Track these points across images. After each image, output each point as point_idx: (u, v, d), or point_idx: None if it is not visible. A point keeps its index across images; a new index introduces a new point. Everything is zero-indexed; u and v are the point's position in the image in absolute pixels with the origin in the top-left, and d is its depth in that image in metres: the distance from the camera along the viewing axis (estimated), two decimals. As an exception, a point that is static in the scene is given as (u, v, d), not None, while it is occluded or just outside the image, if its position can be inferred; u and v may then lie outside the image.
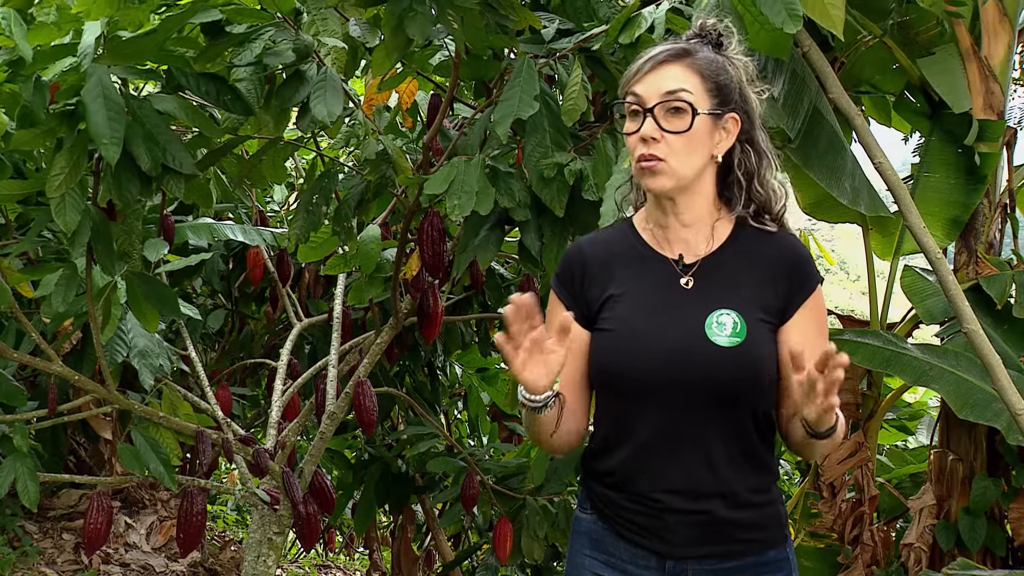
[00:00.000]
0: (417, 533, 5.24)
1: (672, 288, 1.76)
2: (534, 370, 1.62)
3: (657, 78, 1.71)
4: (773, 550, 1.78)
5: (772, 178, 1.79)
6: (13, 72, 2.35)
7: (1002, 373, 2.63)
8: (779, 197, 1.80)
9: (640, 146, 1.71)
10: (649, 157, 1.70)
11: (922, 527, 3.46)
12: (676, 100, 1.69)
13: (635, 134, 1.72)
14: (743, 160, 1.77)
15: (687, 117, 1.69)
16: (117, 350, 3.38)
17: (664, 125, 1.70)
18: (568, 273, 1.83)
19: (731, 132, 1.75)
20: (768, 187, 1.79)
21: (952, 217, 3.47)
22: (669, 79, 1.71)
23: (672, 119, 1.70)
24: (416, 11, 2.40)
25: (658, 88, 1.70)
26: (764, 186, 1.78)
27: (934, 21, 3.41)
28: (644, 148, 1.71)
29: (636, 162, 1.73)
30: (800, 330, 1.75)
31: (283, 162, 3.28)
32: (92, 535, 3.02)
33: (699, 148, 1.72)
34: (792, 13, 2.21)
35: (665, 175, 1.71)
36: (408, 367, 4.56)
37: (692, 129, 1.69)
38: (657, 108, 1.70)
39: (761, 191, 1.78)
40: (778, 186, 1.80)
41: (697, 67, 1.72)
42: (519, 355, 1.60)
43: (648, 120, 1.70)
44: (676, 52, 1.73)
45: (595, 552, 1.82)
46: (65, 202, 2.44)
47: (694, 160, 1.72)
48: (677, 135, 1.69)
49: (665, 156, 1.69)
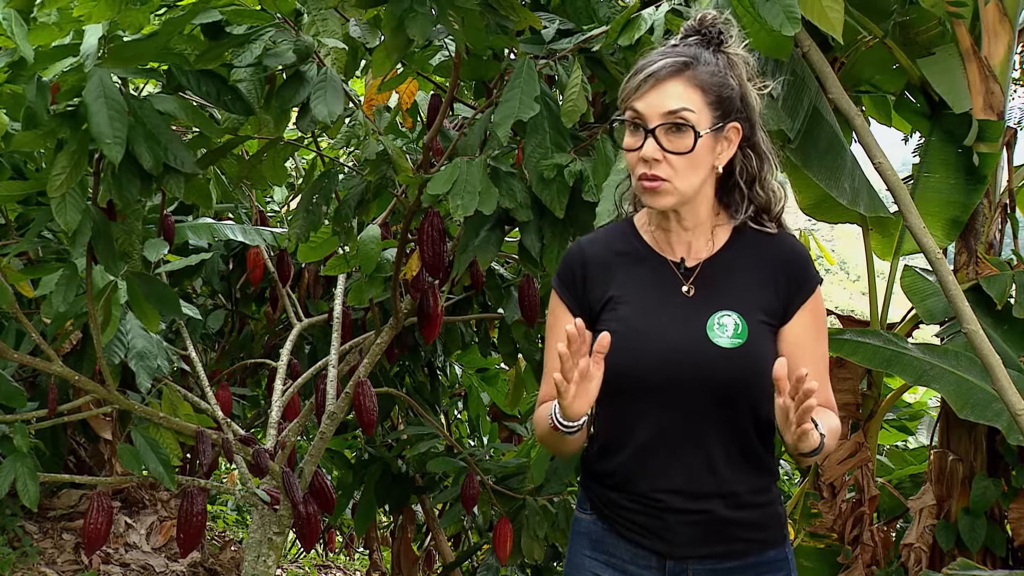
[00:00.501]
0: (417, 533, 5.24)
1: (673, 290, 1.76)
2: (581, 399, 1.63)
3: (659, 96, 1.68)
4: (773, 550, 1.79)
5: (772, 179, 1.79)
6: (14, 73, 2.36)
7: (1002, 373, 2.63)
8: (779, 198, 1.80)
9: (641, 165, 1.70)
10: (651, 178, 1.69)
11: (922, 527, 3.46)
12: (678, 120, 1.67)
13: (636, 152, 1.70)
14: (744, 166, 1.77)
15: (689, 137, 1.67)
16: (115, 351, 3.37)
17: (666, 144, 1.68)
18: (569, 273, 1.83)
19: (732, 142, 1.74)
20: (768, 189, 1.79)
21: (952, 217, 3.47)
22: (671, 98, 1.68)
23: (674, 138, 1.68)
24: (416, 11, 2.40)
25: (660, 107, 1.68)
26: (765, 188, 1.78)
27: (934, 21, 3.41)
28: (645, 168, 1.69)
29: (637, 180, 1.72)
30: (800, 331, 1.75)
31: (283, 162, 3.28)
32: (92, 535, 3.02)
33: (701, 165, 1.71)
34: (790, 15, 2.21)
35: (669, 195, 1.70)
36: (408, 367, 4.56)
37: (694, 150, 1.68)
38: (658, 128, 1.68)
39: (762, 193, 1.78)
40: (778, 187, 1.80)
41: (698, 82, 1.69)
42: (571, 388, 1.61)
43: (649, 141, 1.68)
44: (677, 67, 1.69)
45: (595, 552, 1.83)
46: (66, 202, 2.45)
47: (696, 178, 1.71)
48: (679, 155, 1.68)
49: (668, 177, 1.68)
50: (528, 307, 3.50)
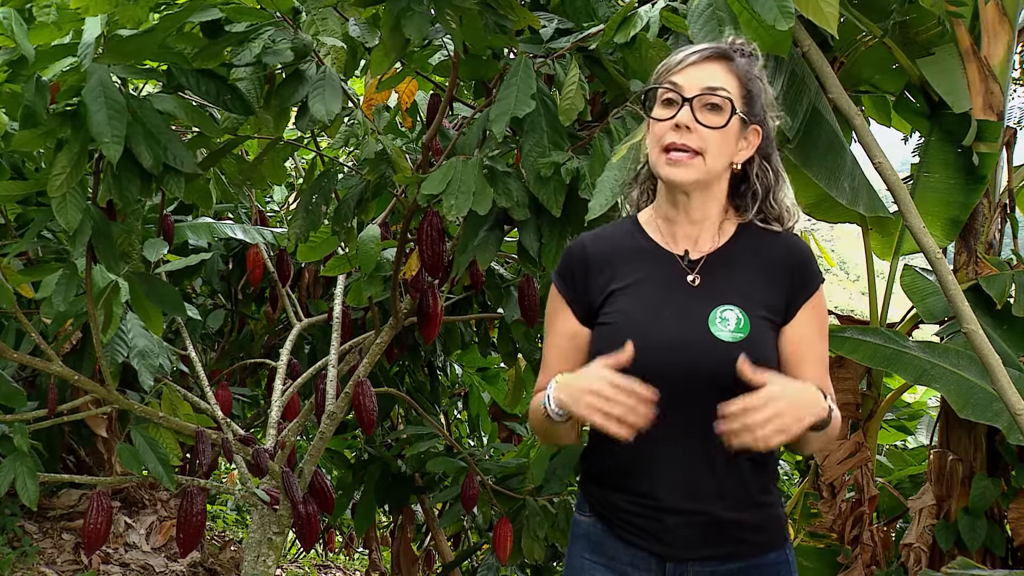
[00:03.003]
0: (417, 533, 5.24)
1: (676, 283, 1.76)
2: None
3: (699, 72, 1.72)
4: (773, 552, 1.78)
5: (784, 198, 1.81)
6: (14, 72, 2.36)
7: (1002, 373, 2.63)
8: (791, 216, 1.82)
9: (671, 134, 1.71)
10: (681, 147, 1.70)
11: (922, 527, 3.46)
12: (716, 97, 1.70)
13: (669, 120, 1.72)
14: (761, 174, 1.79)
15: (724, 114, 1.71)
16: (117, 350, 3.38)
17: (700, 118, 1.70)
18: (569, 269, 1.83)
19: (752, 144, 1.77)
20: (782, 205, 1.81)
21: (951, 217, 3.47)
22: (711, 76, 1.72)
23: (708, 114, 1.71)
24: (413, 11, 2.40)
25: (699, 81, 1.71)
26: (778, 204, 1.81)
27: (934, 21, 3.41)
28: (676, 136, 1.71)
29: (662, 151, 1.73)
30: (802, 329, 1.76)
31: (283, 162, 3.28)
32: (92, 535, 3.02)
33: (727, 148, 1.73)
34: (784, 11, 2.21)
35: (693, 168, 1.71)
36: (408, 367, 4.57)
37: (727, 127, 1.71)
38: (696, 100, 1.71)
39: (775, 206, 1.81)
40: (791, 205, 1.82)
41: (736, 71, 1.74)
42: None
43: (685, 108, 1.70)
44: (720, 52, 1.75)
45: (595, 555, 1.82)
46: (66, 201, 2.45)
47: (722, 159, 1.73)
48: (713, 130, 1.70)
49: (699, 148, 1.70)
50: (528, 307, 3.50)
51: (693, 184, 1.73)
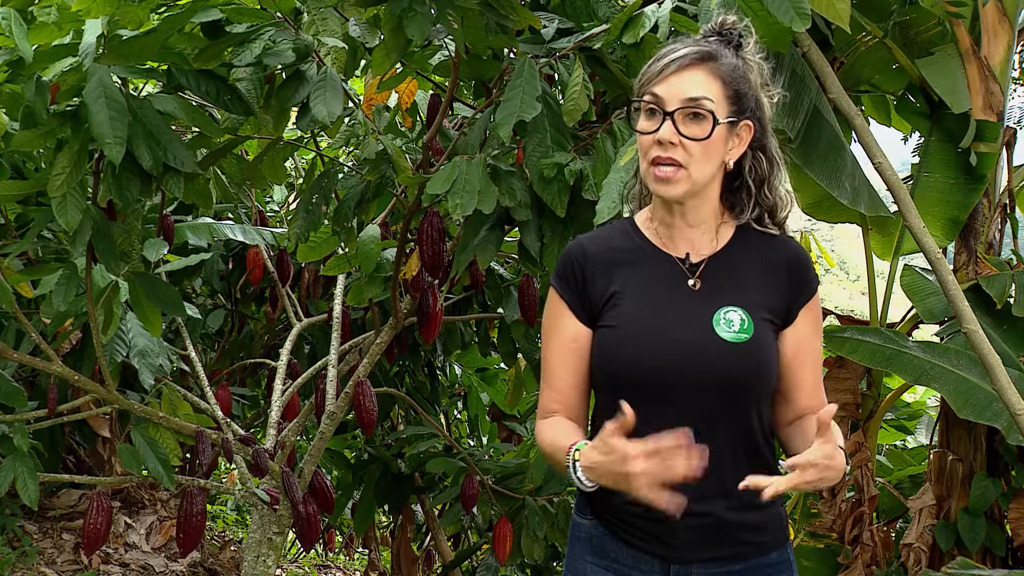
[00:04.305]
0: (417, 533, 5.24)
1: (678, 286, 1.76)
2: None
3: (680, 81, 1.69)
4: (775, 551, 1.79)
5: (780, 185, 1.80)
6: (14, 72, 2.36)
7: (1002, 373, 2.63)
8: (785, 204, 1.82)
9: (655, 148, 1.70)
10: (666, 161, 1.69)
11: (922, 527, 3.46)
12: (697, 107, 1.68)
13: (651, 135, 1.71)
14: (754, 166, 1.78)
15: (707, 124, 1.68)
16: (117, 350, 3.38)
17: (683, 130, 1.69)
18: (569, 271, 1.82)
19: (744, 140, 1.75)
20: (776, 193, 1.80)
21: (951, 217, 3.47)
22: (692, 84, 1.69)
23: (691, 125, 1.69)
24: (415, 11, 2.40)
25: (680, 92, 1.69)
26: (772, 192, 1.80)
27: (934, 21, 3.41)
28: (660, 151, 1.70)
29: (650, 165, 1.72)
30: (802, 332, 1.77)
31: (283, 162, 3.28)
32: (92, 535, 3.02)
33: (715, 156, 1.72)
34: (800, 11, 2.20)
35: (681, 183, 1.71)
36: (408, 367, 4.57)
37: (710, 137, 1.69)
38: (677, 113, 1.69)
39: (769, 196, 1.80)
40: (784, 193, 1.82)
41: (720, 73, 1.70)
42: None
43: (667, 123, 1.69)
44: (701, 55, 1.71)
45: (597, 558, 1.81)
46: (67, 201, 2.45)
47: (709, 167, 1.72)
48: (695, 142, 1.69)
49: (683, 161, 1.69)
50: (528, 307, 3.50)
51: (683, 195, 1.73)
